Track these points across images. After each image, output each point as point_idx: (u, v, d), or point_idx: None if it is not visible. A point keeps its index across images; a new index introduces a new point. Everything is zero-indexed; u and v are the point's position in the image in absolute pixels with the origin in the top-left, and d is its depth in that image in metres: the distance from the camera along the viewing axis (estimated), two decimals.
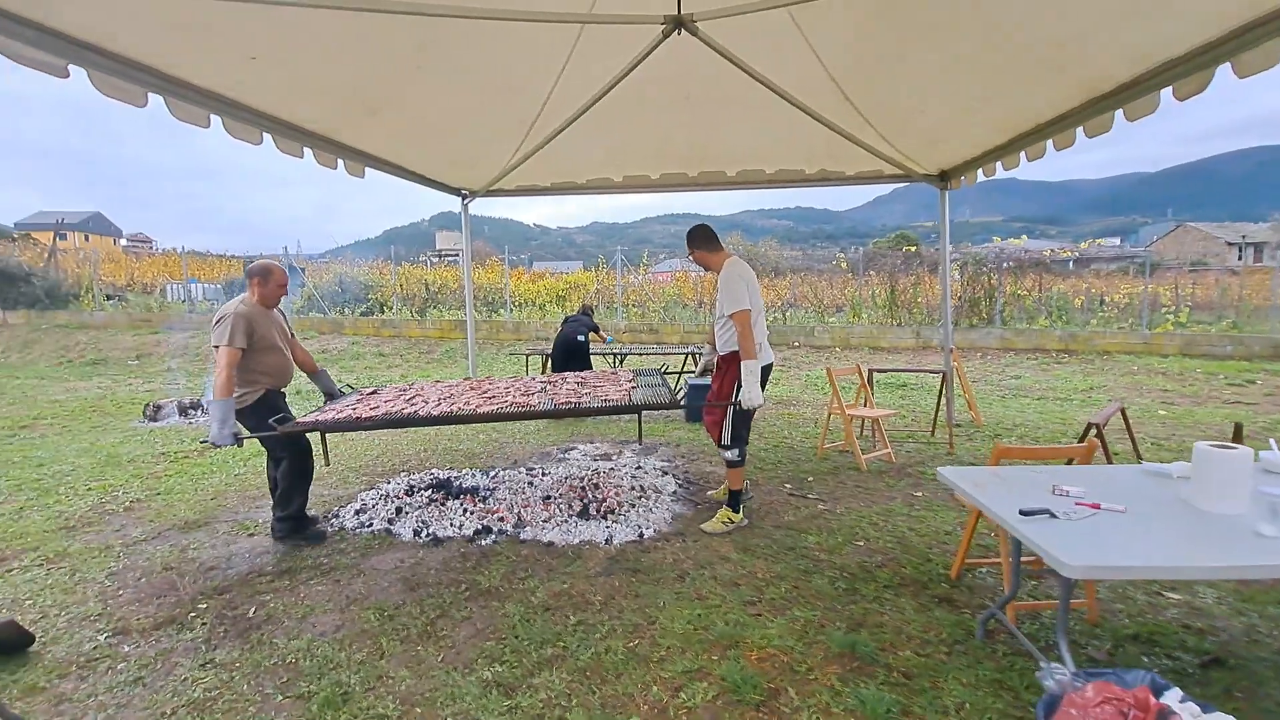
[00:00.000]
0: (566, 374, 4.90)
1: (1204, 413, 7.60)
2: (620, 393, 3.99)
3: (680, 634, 2.74)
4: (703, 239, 4.00)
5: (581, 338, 7.18)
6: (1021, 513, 2.08)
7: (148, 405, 7.84)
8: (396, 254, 17.72)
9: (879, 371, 7.73)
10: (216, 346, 3.48)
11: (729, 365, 3.85)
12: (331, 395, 4.29)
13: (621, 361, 9.33)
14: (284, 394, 3.86)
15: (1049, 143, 4.67)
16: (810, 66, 4.42)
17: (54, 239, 23.23)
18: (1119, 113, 4.04)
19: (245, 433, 3.49)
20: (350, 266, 19.02)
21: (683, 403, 3.83)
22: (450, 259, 28.89)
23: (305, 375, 4.17)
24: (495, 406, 3.71)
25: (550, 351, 7.59)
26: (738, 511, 3.91)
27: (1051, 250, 16.41)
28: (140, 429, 7.18)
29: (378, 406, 3.78)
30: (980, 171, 5.76)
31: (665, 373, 4.61)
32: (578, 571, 3.36)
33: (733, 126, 5.69)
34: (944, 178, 6.28)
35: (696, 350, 8.60)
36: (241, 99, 3.78)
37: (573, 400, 3.84)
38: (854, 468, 5.13)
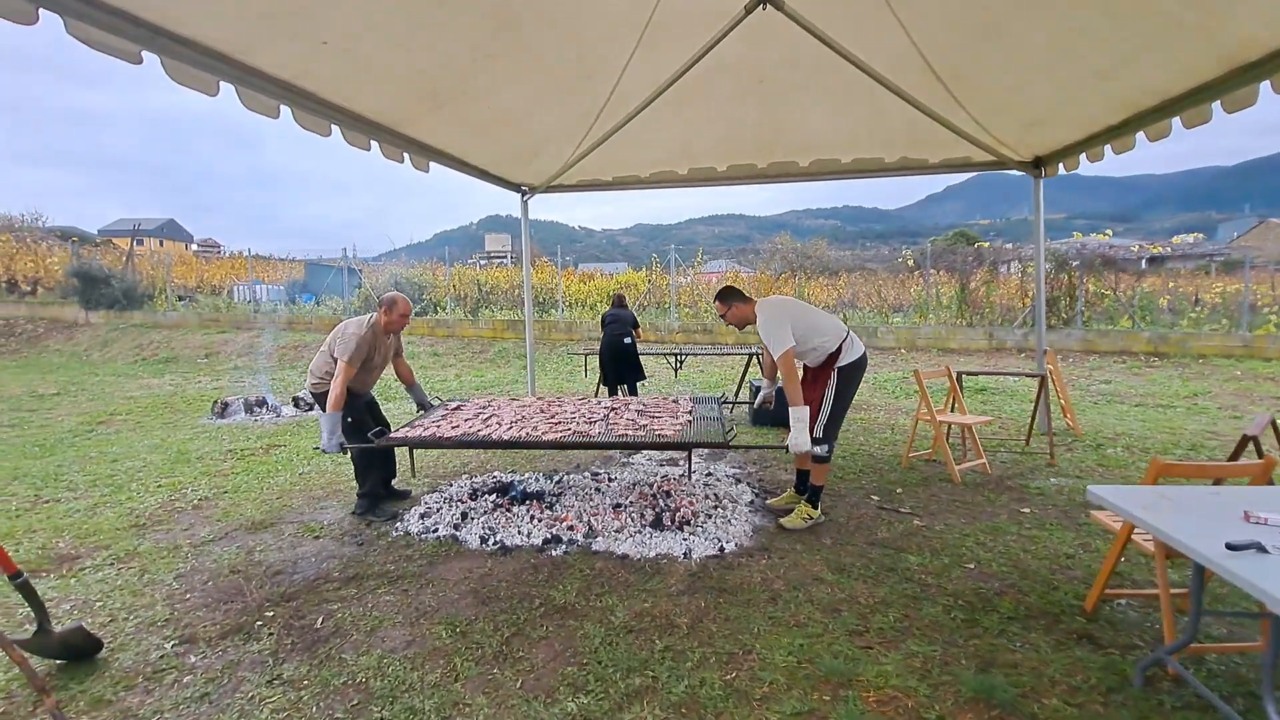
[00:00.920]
0: (630, 401, 4.93)
1: None
2: (677, 426, 3.97)
3: (783, 667, 2.44)
4: (732, 295, 3.95)
5: (628, 340, 7.03)
6: (1229, 546, 1.71)
7: (216, 402, 7.99)
8: (450, 255, 17.90)
9: (965, 375, 7.22)
10: (337, 359, 3.88)
11: (818, 375, 3.84)
12: (423, 406, 4.75)
13: (681, 363, 9.05)
14: (360, 396, 4.20)
15: (1175, 120, 4.18)
16: (899, 43, 4.06)
17: (131, 244, 24.42)
18: (1265, 84, 3.57)
19: (348, 443, 3.88)
20: (404, 268, 19.28)
21: (732, 441, 3.73)
22: (499, 260, 29.21)
23: (402, 385, 4.74)
24: (558, 435, 3.85)
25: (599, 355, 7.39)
26: (817, 508, 3.87)
27: (1140, 245, 15.30)
28: (209, 425, 7.29)
29: (457, 425, 4.09)
30: (1083, 157, 5.26)
31: (725, 401, 4.44)
32: (658, 589, 3.09)
33: (808, 113, 5.35)
34: (1039, 165, 5.79)
35: (757, 352, 8.25)
36: (311, 89, 3.67)
37: (629, 434, 3.86)
38: (946, 479, 4.71)
